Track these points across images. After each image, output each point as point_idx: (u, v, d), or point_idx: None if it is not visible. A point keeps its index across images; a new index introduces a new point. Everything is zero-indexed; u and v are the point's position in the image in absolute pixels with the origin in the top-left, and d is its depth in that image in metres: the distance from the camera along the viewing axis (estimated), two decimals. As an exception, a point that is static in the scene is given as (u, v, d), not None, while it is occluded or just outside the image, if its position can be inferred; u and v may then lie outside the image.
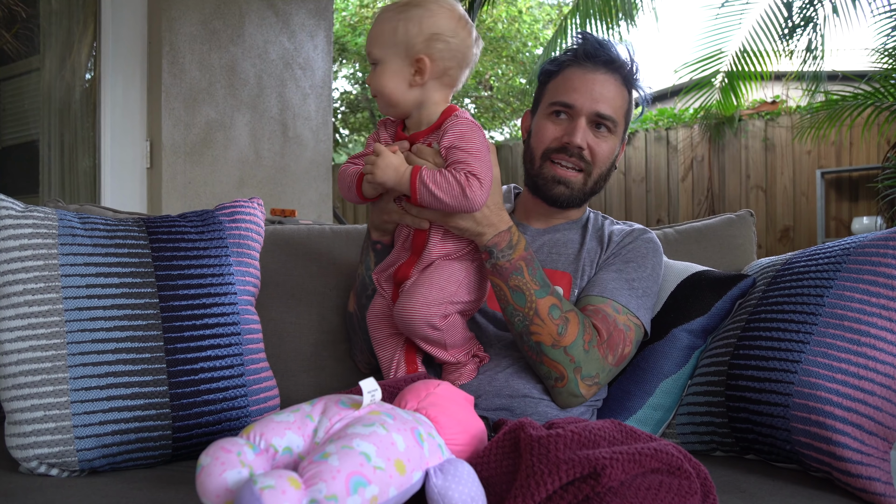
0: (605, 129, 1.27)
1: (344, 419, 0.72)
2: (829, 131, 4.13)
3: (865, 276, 1.07)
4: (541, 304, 1.10)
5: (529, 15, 9.23)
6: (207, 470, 0.65)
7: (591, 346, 1.13)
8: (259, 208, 1.32)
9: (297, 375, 1.40)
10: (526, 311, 1.10)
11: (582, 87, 1.26)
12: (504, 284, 1.11)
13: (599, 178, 1.30)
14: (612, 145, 1.28)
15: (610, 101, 1.26)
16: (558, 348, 1.10)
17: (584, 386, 1.13)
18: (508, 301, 1.11)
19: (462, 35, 1.08)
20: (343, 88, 10.05)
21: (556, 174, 1.27)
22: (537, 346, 1.11)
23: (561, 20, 5.30)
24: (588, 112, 1.25)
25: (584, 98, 1.25)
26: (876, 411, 0.99)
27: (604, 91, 1.25)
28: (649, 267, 1.27)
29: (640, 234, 1.31)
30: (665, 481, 0.75)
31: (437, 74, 1.07)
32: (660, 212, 5.76)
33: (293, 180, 3.46)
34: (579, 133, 1.24)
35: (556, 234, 1.33)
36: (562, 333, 1.10)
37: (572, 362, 1.11)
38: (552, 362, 1.12)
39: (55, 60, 3.06)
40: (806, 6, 4.46)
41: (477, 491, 0.71)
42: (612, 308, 1.19)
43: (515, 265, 1.11)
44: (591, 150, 1.26)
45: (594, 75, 1.26)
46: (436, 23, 1.06)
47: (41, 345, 1.01)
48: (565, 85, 1.28)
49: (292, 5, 3.44)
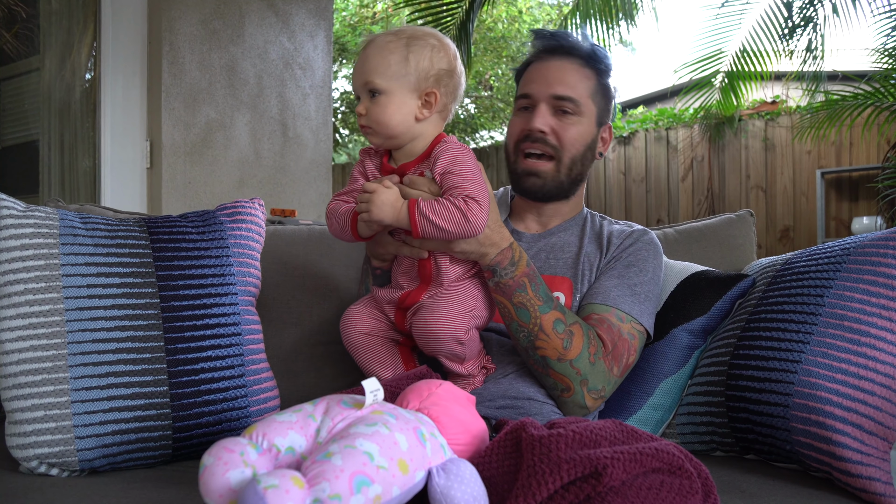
0: (569, 113, 1.27)
1: (346, 419, 0.72)
2: (829, 131, 4.13)
3: (865, 276, 1.07)
4: (545, 319, 1.10)
5: (529, 15, 9.23)
6: (210, 470, 0.65)
7: (597, 359, 1.13)
8: (260, 209, 1.32)
9: (297, 375, 1.40)
10: (531, 328, 1.10)
11: (538, 76, 1.29)
12: (508, 302, 1.11)
13: (573, 164, 1.29)
14: (580, 129, 1.28)
15: (567, 83, 1.27)
16: (564, 362, 1.11)
17: (590, 399, 1.14)
18: (513, 318, 1.11)
19: (459, 71, 1.10)
20: (343, 88, 10.05)
21: (525, 167, 1.29)
22: (543, 360, 1.12)
23: (561, 20, 5.30)
24: (545, 96, 1.27)
25: (540, 85, 1.28)
26: (876, 411, 0.99)
27: (560, 75, 1.28)
28: (650, 270, 1.26)
29: (640, 235, 1.31)
30: (666, 481, 0.75)
31: (440, 109, 1.08)
32: (660, 212, 5.76)
33: (293, 180, 3.46)
34: (538, 118, 1.26)
35: (552, 238, 1.33)
36: (567, 347, 1.10)
37: (578, 375, 1.12)
38: (558, 375, 1.12)
39: (55, 60, 3.06)
40: (806, 6, 4.46)
41: (479, 490, 0.71)
42: (615, 317, 1.19)
43: (518, 282, 1.10)
44: (557, 134, 1.27)
45: (549, 63, 1.30)
46: (447, 60, 1.07)
47: (42, 344, 1.01)
48: (526, 79, 1.32)
49: (292, 5, 3.44)
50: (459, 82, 1.10)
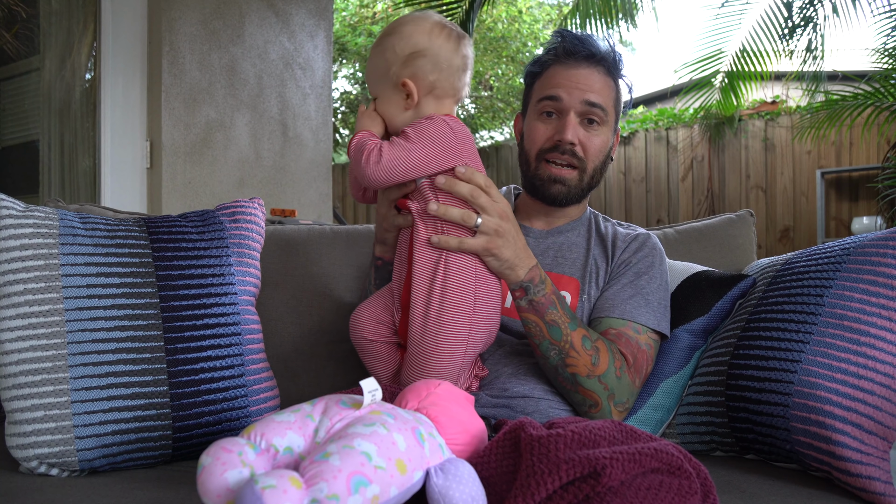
0: (595, 122, 1.26)
1: (345, 419, 0.72)
2: (829, 131, 4.13)
3: (865, 276, 1.07)
4: (574, 336, 1.11)
5: (529, 15, 9.22)
6: (209, 470, 0.65)
7: (622, 372, 1.14)
8: (260, 208, 1.32)
9: (297, 375, 1.40)
10: (562, 345, 1.11)
11: (566, 82, 1.26)
12: (540, 320, 1.11)
13: (595, 173, 1.30)
14: (603, 139, 1.28)
15: (597, 91, 1.25)
16: (593, 378, 1.12)
17: (617, 412, 1.15)
18: (545, 336, 1.11)
19: (439, 42, 1.07)
20: (343, 88, 10.05)
21: (551, 174, 1.27)
22: (573, 377, 1.12)
23: (561, 20, 5.30)
24: (576, 104, 1.25)
25: (570, 91, 1.25)
26: (875, 411, 0.99)
27: (589, 81, 1.25)
28: (658, 276, 1.27)
29: (644, 239, 1.31)
30: (665, 481, 0.75)
31: (426, 90, 1.07)
32: (660, 212, 5.76)
33: (293, 180, 3.46)
34: (570, 129, 1.24)
35: (560, 237, 1.33)
36: (595, 363, 1.12)
37: (606, 390, 1.13)
38: (587, 391, 1.13)
39: (55, 60, 3.06)
40: (806, 6, 4.46)
41: (477, 491, 0.71)
42: (632, 330, 1.20)
43: (549, 299, 1.11)
44: (583, 145, 1.26)
45: (577, 70, 1.26)
46: (409, 42, 1.07)
47: (42, 344, 1.01)
48: (550, 82, 1.28)
49: (292, 5, 3.44)
50: (440, 53, 1.07)
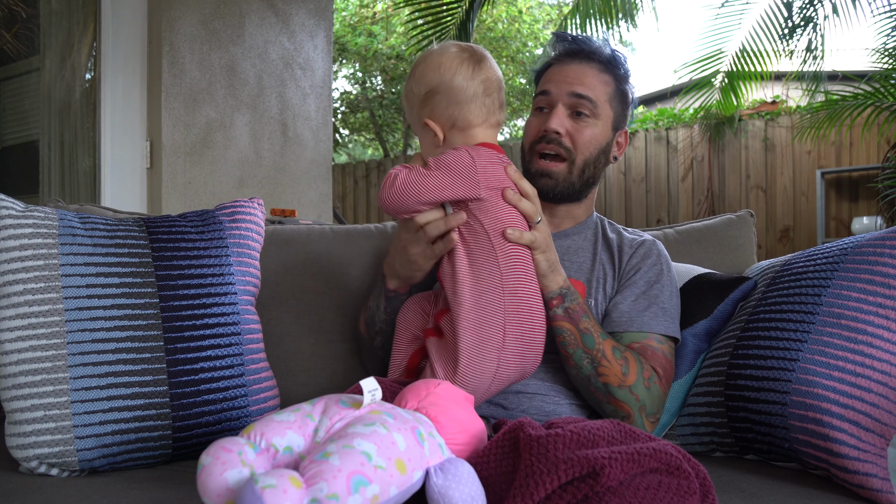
0: (585, 115, 1.27)
1: (344, 418, 0.72)
2: (829, 131, 4.13)
3: (862, 276, 1.07)
4: (605, 345, 1.13)
5: (529, 15, 9.23)
6: (208, 469, 0.65)
7: (652, 383, 1.15)
8: (259, 208, 1.32)
9: (297, 375, 1.40)
10: (594, 354, 1.12)
11: (557, 76, 1.30)
12: (575, 329, 1.12)
13: (586, 166, 1.29)
14: (595, 131, 1.28)
15: (586, 84, 1.28)
16: (624, 388, 1.12)
17: (648, 423, 1.15)
18: (578, 345, 1.12)
19: (450, 75, 1.07)
20: (343, 88, 10.05)
21: (539, 167, 1.29)
22: (605, 387, 1.13)
23: (561, 20, 5.30)
24: (563, 96, 1.27)
25: (559, 84, 1.28)
26: (873, 408, 0.99)
27: (578, 75, 1.28)
28: (669, 283, 1.28)
29: (651, 246, 1.31)
30: (664, 481, 0.75)
31: (448, 125, 1.08)
32: (660, 212, 5.76)
33: (293, 180, 3.46)
34: (555, 118, 1.26)
35: (566, 241, 1.33)
36: (626, 373, 1.13)
37: (637, 401, 1.13)
38: (619, 402, 1.13)
39: (55, 60, 3.06)
40: (806, 6, 4.46)
41: (477, 490, 0.71)
42: (656, 341, 1.20)
43: (583, 308, 1.13)
44: (571, 136, 1.27)
45: (569, 66, 1.30)
46: (423, 82, 1.08)
47: (41, 345, 1.01)
48: (544, 79, 1.33)
49: (292, 5, 3.44)
50: (449, 89, 1.07)
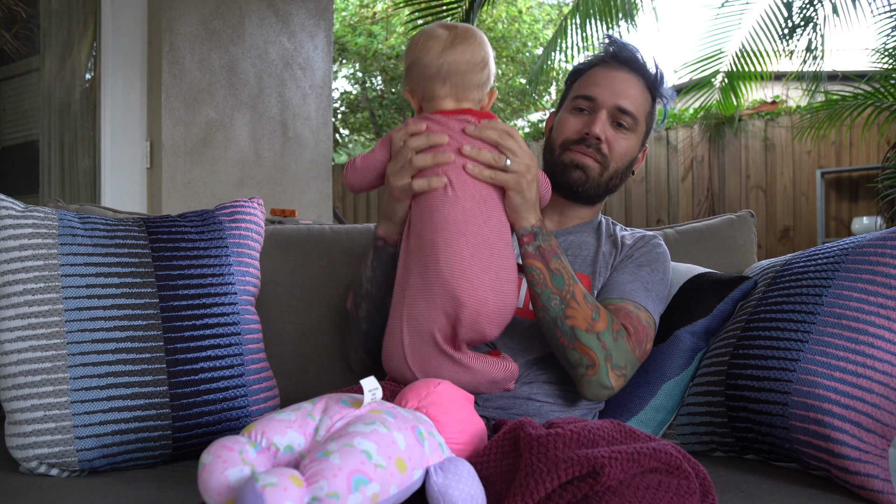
0: (624, 127, 1.28)
1: (345, 417, 0.72)
2: (829, 131, 4.13)
3: (863, 276, 1.07)
4: (576, 288, 1.11)
5: (529, 15, 9.23)
6: (209, 468, 0.65)
7: (620, 337, 1.13)
8: (259, 208, 1.32)
9: (297, 375, 1.40)
10: (563, 294, 1.11)
11: (605, 82, 1.28)
12: (545, 267, 1.11)
13: (615, 175, 1.30)
14: (630, 144, 1.29)
15: (632, 98, 1.27)
16: (591, 333, 1.10)
17: (614, 376, 1.12)
18: (547, 284, 1.11)
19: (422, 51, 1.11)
20: (343, 88, 10.05)
21: (574, 159, 1.28)
22: (571, 330, 1.10)
23: (561, 20, 5.30)
24: (609, 105, 1.26)
25: (606, 92, 1.27)
26: (874, 409, 0.99)
27: (626, 88, 1.28)
28: (661, 272, 1.27)
29: (650, 239, 1.32)
30: (664, 481, 0.75)
31: (421, 98, 1.14)
32: (660, 212, 5.76)
33: (293, 180, 3.46)
34: (598, 124, 1.25)
35: (570, 237, 1.33)
36: (595, 319, 1.11)
37: (604, 349, 1.11)
38: (585, 348, 1.10)
39: (55, 60, 3.06)
40: (806, 6, 4.46)
41: (477, 490, 0.71)
42: (632, 306, 1.19)
43: (554, 250, 1.12)
44: (610, 144, 1.27)
45: (617, 73, 1.29)
46: (406, 57, 1.15)
47: (41, 345, 1.01)
48: (589, 81, 1.31)
49: (292, 5, 3.44)
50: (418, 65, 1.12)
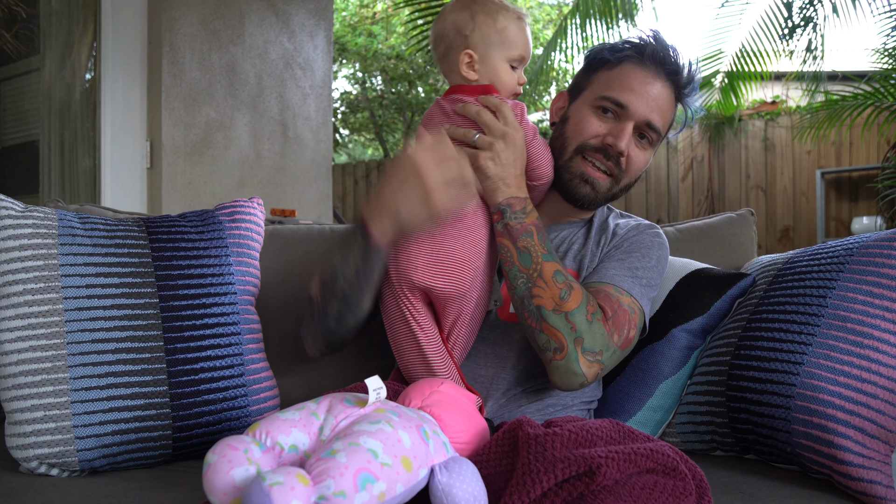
0: (647, 140, 1.21)
1: (349, 417, 0.72)
2: (829, 131, 4.13)
3: (869, 278, 1.06)
4: (546, 266, 1.06)
5: (530, 15, 9.22)
6: (215, 467, 0.64)
7: (595, 319, 1.06)
8: (259, 208, 1.32)
9: (297, 375, 1.40)
10: (530, 273, 1.06)
11: (640, 89, 1.17)
12: (512, 245, 1.08)
13: (624, 187, 1.25)
14: (648, 157, 1.23)
15: (662, 113, 1.19)
16: (559, 314, 1.04)
17: (585, 361, 1.04)
18: (514, 263, 1.08)
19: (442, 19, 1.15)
20: (343, 88, 10.05)
21: (585, 172, 1.20)
22: (538, 310, 1.05)
23: (561, 20, 5.30)
24: (639, 118, 1.17)
25: (639, 102, 1.17)
26: (878, 415, 0.98)
27: (659, 100, 1.18)
28: (654, 258, 1.21)
29: (646, 228, 1.27)
30: (660, 482, 0.75)
31: None
32: (660, 212, 5.77)
33: (293, 180, 3.46)
34: (625, 138, 1.17)
35: (562, 233, 1.29)
36: (564, 298, 1.04)
37: (573, 331, 1.04)
38: (552, 329, 1.04)
39: (55, 60, 3.06)
40: (806, 6, 4.46)
41: (479, 490, 0.71)
42: (614, 290, 1.13)
43: (526, 228, 1.08)
44: (629, 158, 1.20)
45: (654, 81, 1.18)
46: None
47: (41, 345, 1.01)
48: (622, 82, 1.19)
49: (292, 5, 3.44)
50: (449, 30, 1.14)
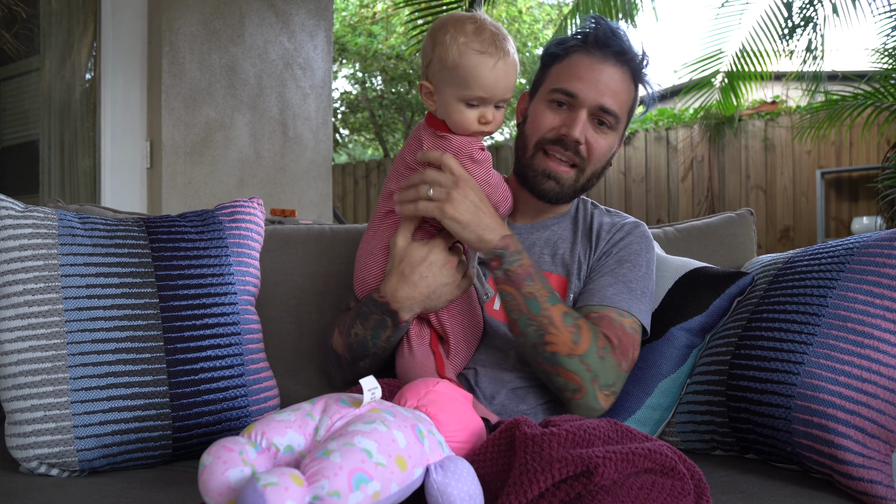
0: (605, 125, 1.20)
1: (345, 417, 0.72)
2: (829, 131, 4.13)
3: (869, 277, 1.06)
4: (554, 311, 1.06)
5: (529, 15, 9.22)
6: (210, 469, 0.65)
7: (606, 353, 1.08)
8: (259, 208, 1.32)
9: (297, 375, 1.40)
10: (541, 320, 1.05)
11: (588, 76, 1.17)
12: (517, 292, 1.06)
13: (592, 176, 1.23)
14: (610, 142, 1.22)
15: (615, 95, 1.18)
16: (574, 357, 1.05)
17: (602, 396, 1.08)
18: (522, 311, 1.06)
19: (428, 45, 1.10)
20: (343, 88, 10.05)
21: (546, 167, 1.20)
22: (553, 356, 1.06)
23: (561, 20, 5.30)
24: (591, 104, 1.17)
25: (588, 88, 1.16)
26: (879, 415, 0.98)
27: (610, 83, 1.17)
28: (643, 265, 1.22)
29: (631, 228, 1.26)
30: (658, 481, 0.75)
31: None
32: (660, 212, 5.76)
33: (293, 180, 3.46)
34: (578, 126, 1.16)
35: (545, 232, 1.28)
36: (576, 342, 1.05)
37: (589, 371, 1.06)
38: (568, 373, 1.06)
39: (55, 60, 3.06)
40: (806, 6, 4.46)
41: (475, 489, 0.71)
42: (615, 313, 1.15)
43: (527, 271, 1.06)
44: (589, 145, 1.19)
45: (602, 65, 1.18)
46: None
47: (41, 345, 1.01)
48: (570, 72, 1.19)
49: (292, 5, 3.44)
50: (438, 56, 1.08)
